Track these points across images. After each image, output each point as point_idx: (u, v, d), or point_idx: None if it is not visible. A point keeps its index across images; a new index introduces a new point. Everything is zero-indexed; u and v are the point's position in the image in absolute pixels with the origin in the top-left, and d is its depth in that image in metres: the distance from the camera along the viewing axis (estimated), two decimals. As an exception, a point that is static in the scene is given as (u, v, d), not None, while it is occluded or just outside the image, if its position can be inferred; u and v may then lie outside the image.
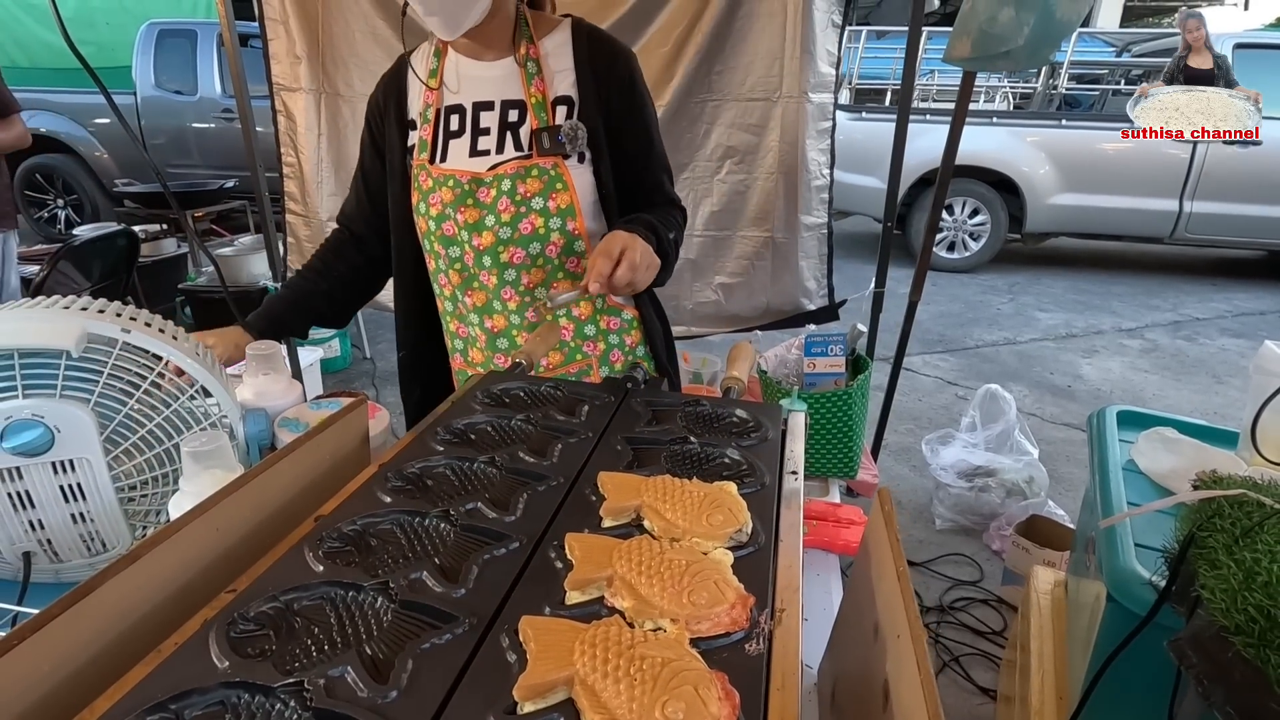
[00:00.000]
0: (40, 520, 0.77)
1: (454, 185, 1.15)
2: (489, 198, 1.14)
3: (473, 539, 0.64)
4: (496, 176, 1.14)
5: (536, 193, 1.14)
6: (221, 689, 0.47)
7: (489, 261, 1.17)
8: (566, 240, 1.17)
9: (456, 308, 1.27)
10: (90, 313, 0.76)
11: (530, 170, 1.14)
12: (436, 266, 1.24)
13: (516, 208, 1.14)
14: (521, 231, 1.15)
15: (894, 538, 0.62)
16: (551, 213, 1.15)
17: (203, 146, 6.45)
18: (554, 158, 1.14)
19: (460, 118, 1.18)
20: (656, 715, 0.44)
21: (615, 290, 1.03)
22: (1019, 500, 2.55)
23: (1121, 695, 1.16)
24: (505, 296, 1.20)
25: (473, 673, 0.49)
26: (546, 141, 1.13)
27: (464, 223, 1.15)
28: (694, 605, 0.53)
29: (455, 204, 1.15)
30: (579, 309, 1.23)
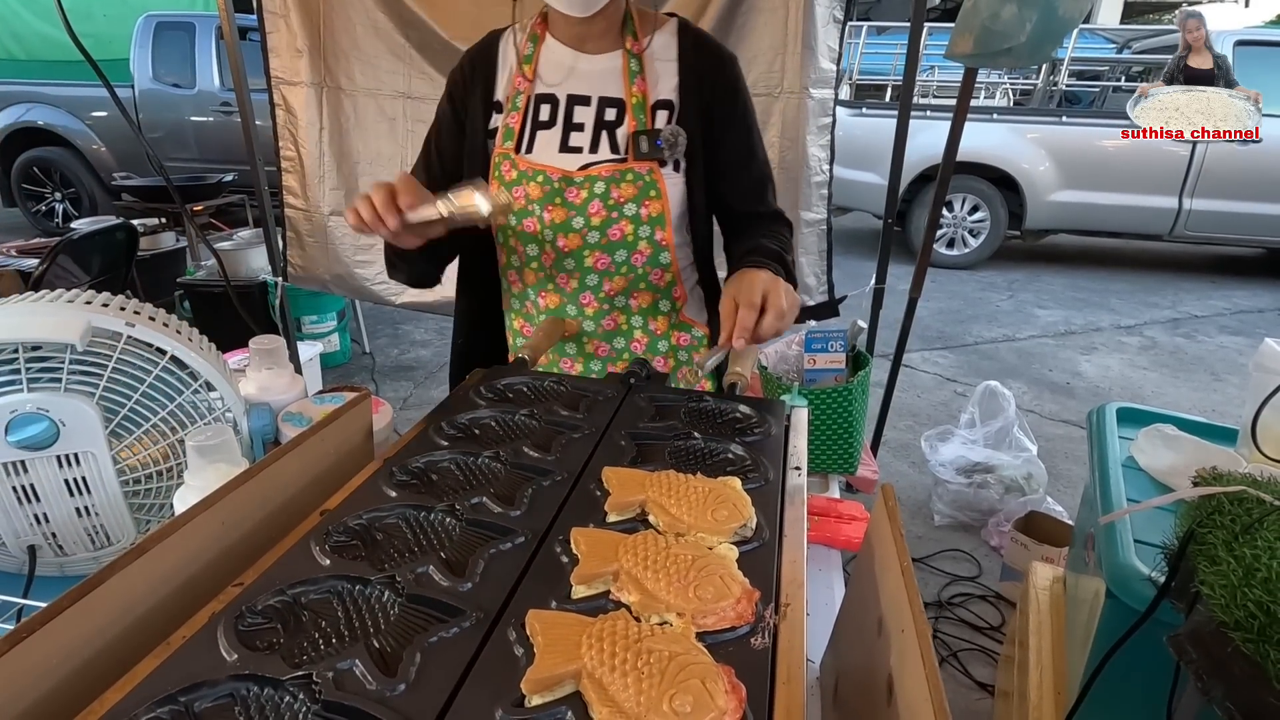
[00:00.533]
0: (45, 514, 0.77)
1: (544, 181, 1.09)
2: (579, 198, 1.08)
3: (478, 534, 0.64)
4: (589, 178, 1.08)
5: (630, 198, 1.08)
6: (231, 681, 0.48)
7: (572, 264, 1.12)
8: (653, 250, 1.12)
9: (524, 305, 1.22)
10: (95, 306, 0.76)
11: (625, 174, 1.08)
12: (508, 262, 1.19)
13: (608, 212, 1.08)
14: (610, 237, 1.10)
15: (898, 532, 0.62)
16: (642, 220, 1.10)
17: (201, 140, 6.43)
18: (650, 163, 1.08)
19: (552, 109, 1.12)
20: (664, 708, 0.44)
21: (760, 341, 0.94)
22: (1018, 497, 2.56)
23: (1120, 691, 1.17)
24: (583, 301, 1.15)
25: (480, 666, 0.50)
26: (645, 146, 1.07)
27: (550, 222, 1.09)
28: (700, 600, 0.54)
29: (543, 201, 1.09)
30: (655, 321, 1.18)
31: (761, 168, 1.17)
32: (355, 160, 2.75)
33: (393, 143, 2.71)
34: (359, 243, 2.86)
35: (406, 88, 2.65)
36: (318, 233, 2.87)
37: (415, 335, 4.45)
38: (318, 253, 2.92)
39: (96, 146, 6.66)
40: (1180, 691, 0.96)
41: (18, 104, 6.73)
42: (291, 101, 2.70)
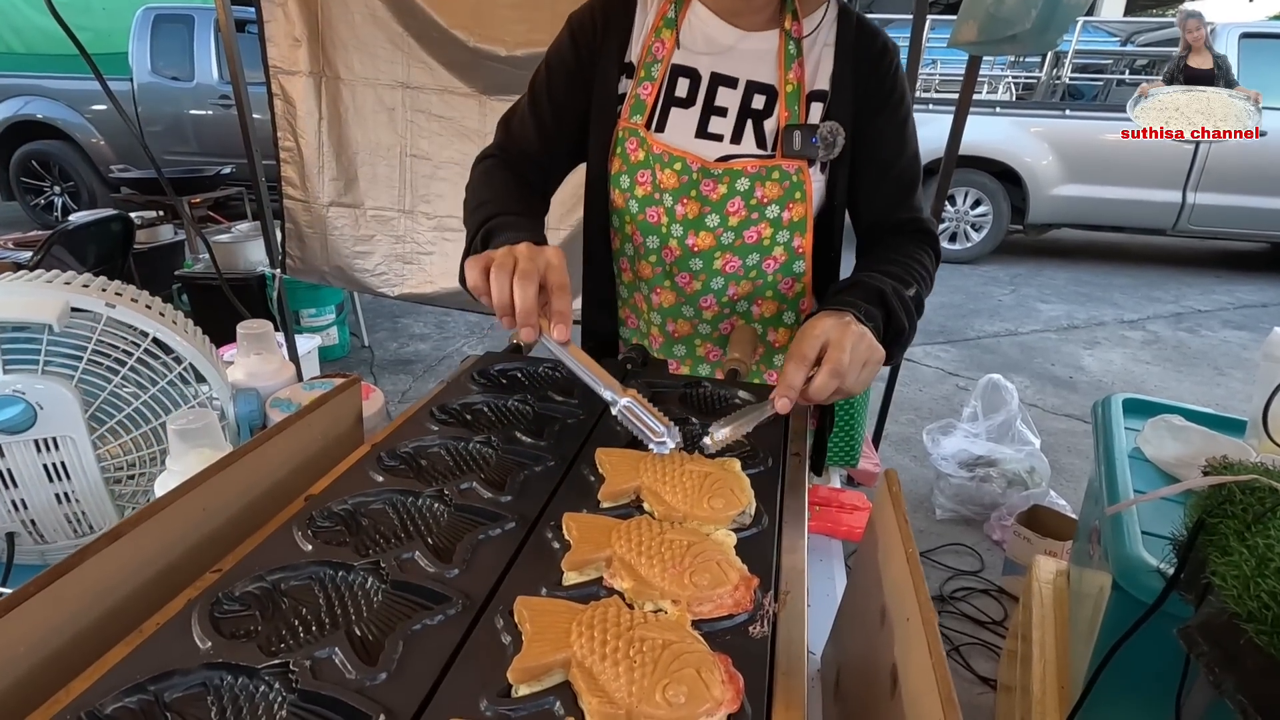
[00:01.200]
0: (23, 500, 0.75)
1: (682, 170, 0.95)
2: (717, 194, 0.96)
3: (467, 519, 0.62)
4: (730, 171, 0.96)
5: (774, 199, 0.96)
6: (204, 670, 0.46)
7: (699, 265, 1.00)
8: (789, 258, 1.00)
9: (633, 297, 1.10)
10: (74, 286, 0.74)
11: (772, 172, 0.95)
12: (621, 249, 1.06)
13: (749, 212, 0.97)
14: (745, 240, 0.98)
15: (902, 519, 0.60)
16: (783, 224, 0.98)
17: (200, 133, 6.40)
18: (799, 162, 0.95)
19: (691, 85, 0.98)
20: (657, 698, 0.42)
21: (814, 402, 0.76)
22: (1020, 490, 2.54)
23: (1126, 684, 1.15)
24: (703, 304, 1.03)
25: (465, 655, 0.48)
26: (798, 142, 0.94)
27: (682, 216, 0.97)
28: (696, 586, 0.51)
29: (678, 193, 0.96)
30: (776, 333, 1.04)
31: (910, 170, 1.02)
32: (355, 150, 2.73)
33: (392, 132, 2.69)
34: (358, 233, 2.84)
35: (405, 77, 2.63)
36: (316, 224, 2.85)
37: (414, 329, 4.43)
38: (316, 244, 2.90)
39: (95, 140, 6.64)
40: (1189, 685, 0.94)
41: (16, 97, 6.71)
42: (290, 91, 2.67)
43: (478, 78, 2.54)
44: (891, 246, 0.99)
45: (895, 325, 0.88)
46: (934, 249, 1.02)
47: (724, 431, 0.71)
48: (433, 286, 2.87)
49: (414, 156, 2.72)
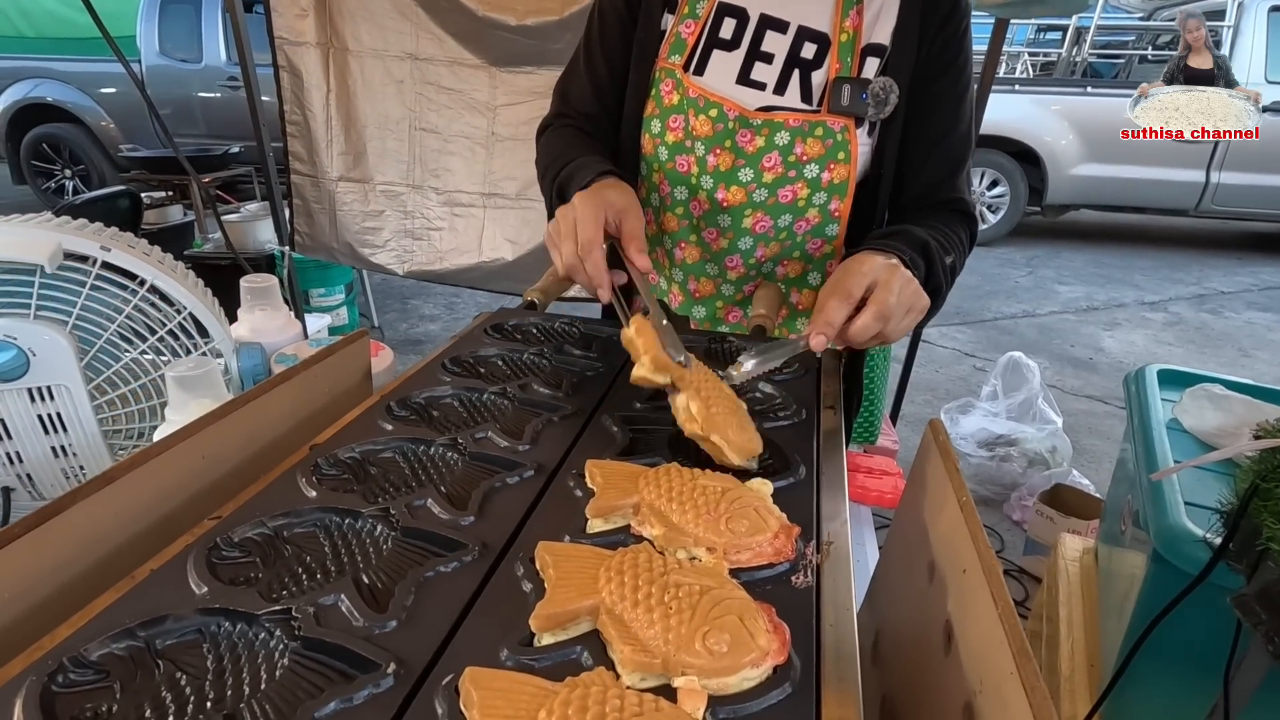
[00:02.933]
0: (18, 453, 0.71)
1: (717, 117, 0.89)
2: (753, 146, 0.89)
3: (483, 467, 0.58)
4: (771, 123, 0.88)
5: (815, 157, 0.89)
6: (199, 616, 0.42)
7: (727, 222, 0.93)
8: (823, 220, 0.93)
9: (655, 252, 1.04)
10: (68, 229, 0.70)
11: (815, 128, 0.88)
12: (647, 199, 0.99)
13: (786, 169, 0.89)
14: (779, 199, 0.91)
15: (952, 468, 0.55)
16: (821, 185, 0.90)
17: (208, 115, 6.37)
18: (847, 120, 0.87)
19: (737, 26, 0.91)
20: (697, 647, 0.38)
21: (852, 345, 0.72)
22: (1041, 470, 2.48)
23: (1165, 660, 1.10)
24: (729, 264, 0.97)
25: (483, 603, 0.44)
26: (847, 98, 0.86)
27: (714, 168, 0.91)
28: (733, 533, 0.47)
29: (711, 142, 0.90)
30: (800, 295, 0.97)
31: (963, 143, 0.94)
32: (363, 124, 2.68)
33: (400, 105, 2.64)
34: (366, 209, 2.80)
35: (414, 48, 2.57)
36: (324, 199, 2.81)
37: (424, 309, 4.39)
38: (324, 221, 2.86)
39: (105, 123, 6.62)
40: (1240, 656, 0.90)
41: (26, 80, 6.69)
42: (296, 63, 2.62)
43: (487, 48, 2.48)
44: (931, 217, 0.91)
45: (934, 282, 0.82)
46: (972, 232, 0.95)
47: (751, 363, 0.66)
48: (442, 263, 2.83)
49: (423, 130, 2.67)
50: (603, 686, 0.35)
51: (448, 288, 3.89)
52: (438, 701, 0.36)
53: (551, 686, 0.35)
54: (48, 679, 0.37)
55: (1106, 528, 1.67)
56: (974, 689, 0.42)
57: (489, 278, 2.77)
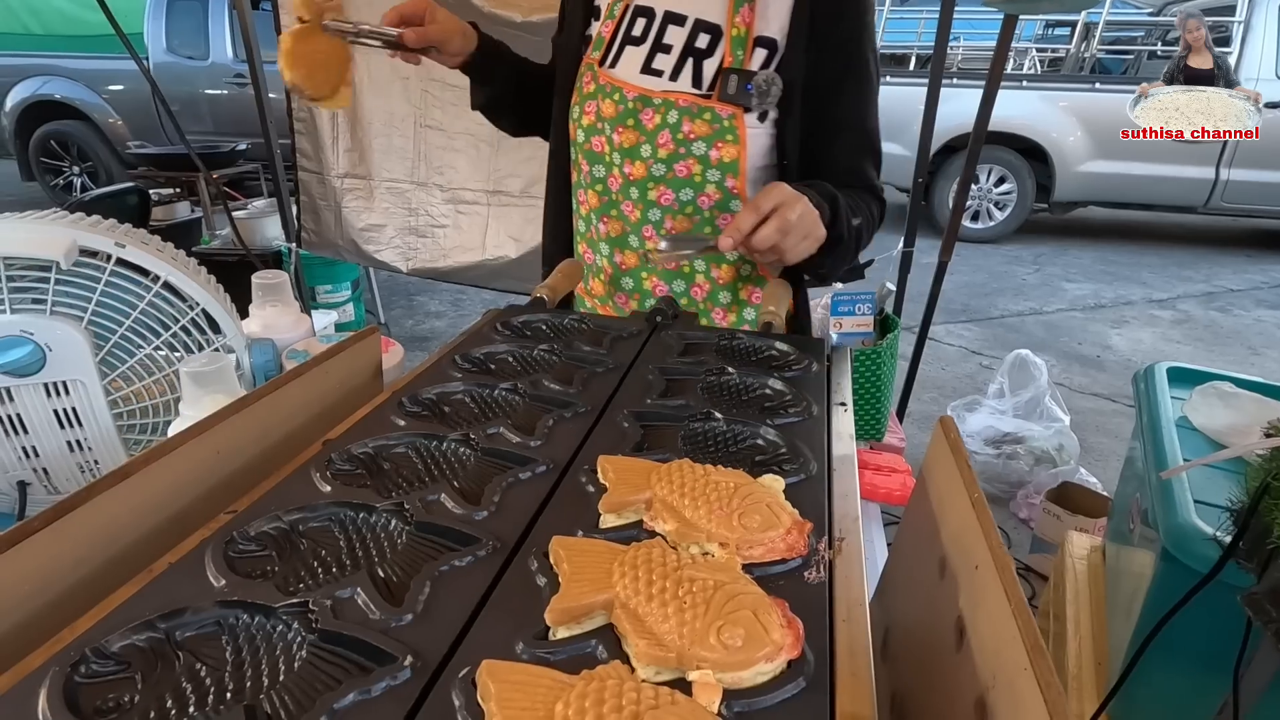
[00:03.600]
0: (34, 447, 0.72)
1: (619, 100, 1.00)
2: (651, 123, 0.99)
3: (495, 463, 0.58)
4: (666, 102, 0.98)
5: (701, 136, 0.97)
6: (218, 608, 0.42)
7: (636, 194, 1.03)
8: (723, 196, 1.01)
9: (589, 230, 1.13)
10: (83, 225, 0.70)
11: (703, 112, 0.96)
12: (578, 180, 1.11)
13: (676, 146, 0.98)
14: (676, 173, 1.00)
15: (964, 464, 0.55)
16: (712, 163, 0.98)
17: (215, 112, 6.39)
18: (734, 108, 0.95)
19: (647, 23, 1.01)
20: (711, 641, 0.38)
21: (755, 252, 0.83)
22: (1048, 468, 2.47)
23: (1173, 659, 1.10)
24: (645, 234, 1.05)
25: (497, 597, 0.44)
26: (733, 86, 0.95)
27: (619, 145, 1.01)
28: (745, 529, 0.47)
29: (615, 121, 1.00)
30: (719, 270, 1.06)
31: (868, 137, 1.04)
32: (369, 121, 2.69)
33: (406, 103, 2.65)
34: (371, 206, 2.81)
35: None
36: (330, 196, 2.82)
37: (430, 306, 4.41)
38: (330, 217, 2.87)
39: (113, 120, 6.65)
40: (1250, 655, 0.89)
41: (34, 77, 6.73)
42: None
43: (493, 44, 2.48)
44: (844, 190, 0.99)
45: (837, 231, 0.92)
46: (881, 210, 1.06)
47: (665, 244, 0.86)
48: (446, 261, 2.84)
49: (428, 127, 2.68)
50: (619, 679, 0.35)
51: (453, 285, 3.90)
52: (455, 694, 0.37)
53: (568, 679, 0.36)
54: (70, 670, 0.37)
55: (1115, 526, 1.66)
56: (987, 684, 0.43)
57: (493, 275, 2.78)
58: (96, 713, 0.36)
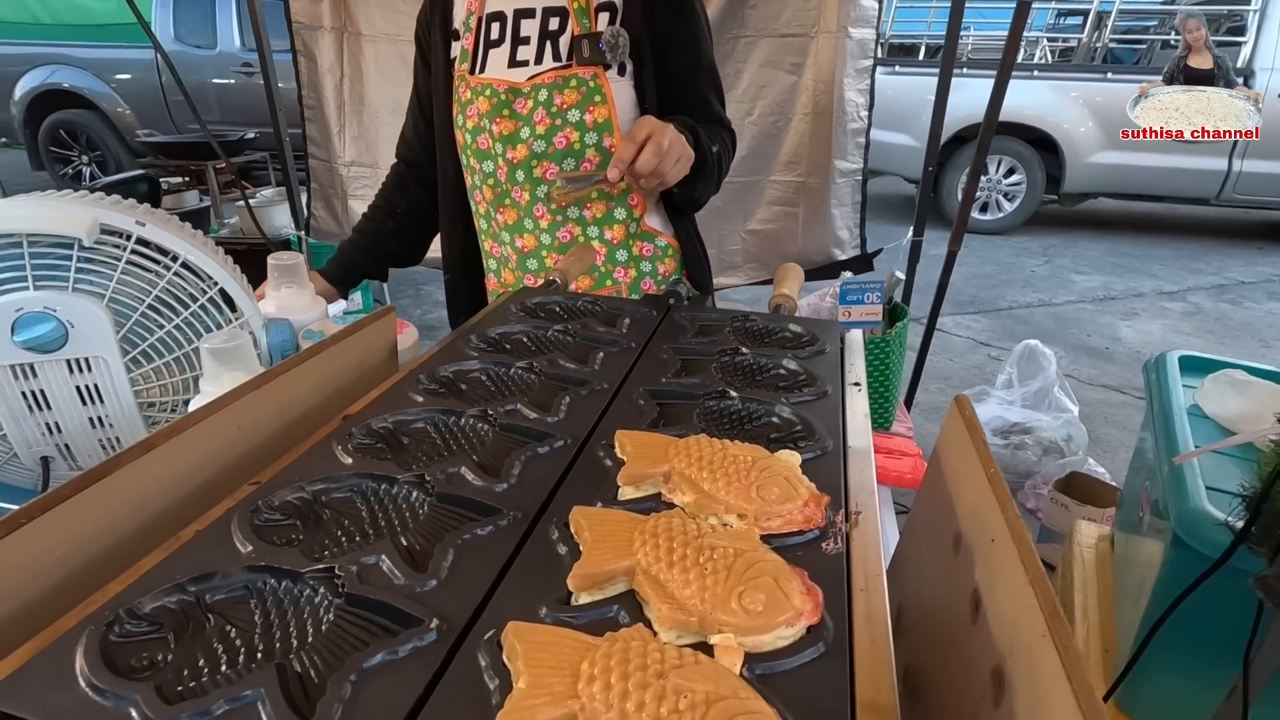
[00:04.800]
0: (57, 423, 0.73)
1: (490, 95, 1.10)
2: (525, 109, 1.09)
3: (513, 438, 0.59)
4: (534, 87, 1.08)
5: (573, 104, 1.08)
6: (246, 573, 0.43)
7: (522, 176, 1.12)
8: (603, 158, 1.10)
9: (490, 225, 1.22)
10: (104, 204, 0.71)
11: (569, 81, 1.07)
12: (473, 183, 1.20)
13: (552, 120, 1.08)
14: (556, 145, 1.09)
15: (980, 441, 0.56)
16: (588, 127, 1.09)
17: (223, 101, 6.40)
18: (594, 68, 1.07)
19: (501, 26, 1.12)
20: (733, 605, 0.39)
21: (638, 177, 0.96)
22: (1056, 459, 2.47)
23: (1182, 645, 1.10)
24: (537, 214, 1.15)
25: (520, 564, 0.45)
26: (586, 50, 1.06)
27: (499, 134, 1.10)
28: (763, 500, 0.48)
29: (491, 115, 1.10)
30: (611, 230, 1.17)
31: (709, 74, 1.16)
32: (375, 109, 2.69)
33: (413, 90, 2.64)
34: (379, 193, 2.80)
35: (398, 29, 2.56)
36: (338, 184, 2.83)
37: (437, 295, 4.41)
38: (338, 205, 2.88)
39: (121, 109, 6.66)
40: (1260, 639, 0.89)
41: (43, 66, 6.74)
42: (313, 47, 2.63)
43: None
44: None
45: (702, 154, 1.05)
46: (733, 141, 1.19)
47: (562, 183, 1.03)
48: (453, 249, 2.84)
49: (435, 115, 2.67)
50: (642, 641, 0.36)
51: (461, 274, 3.90)
52: (480, 655, 0.37)
53: (592, 640, 0.36)
54: (105, 629, 0.38)
55: (1123, 515, 1.66)
56: (1003, 654, 0.43)
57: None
58: (131, 670, 0.37)
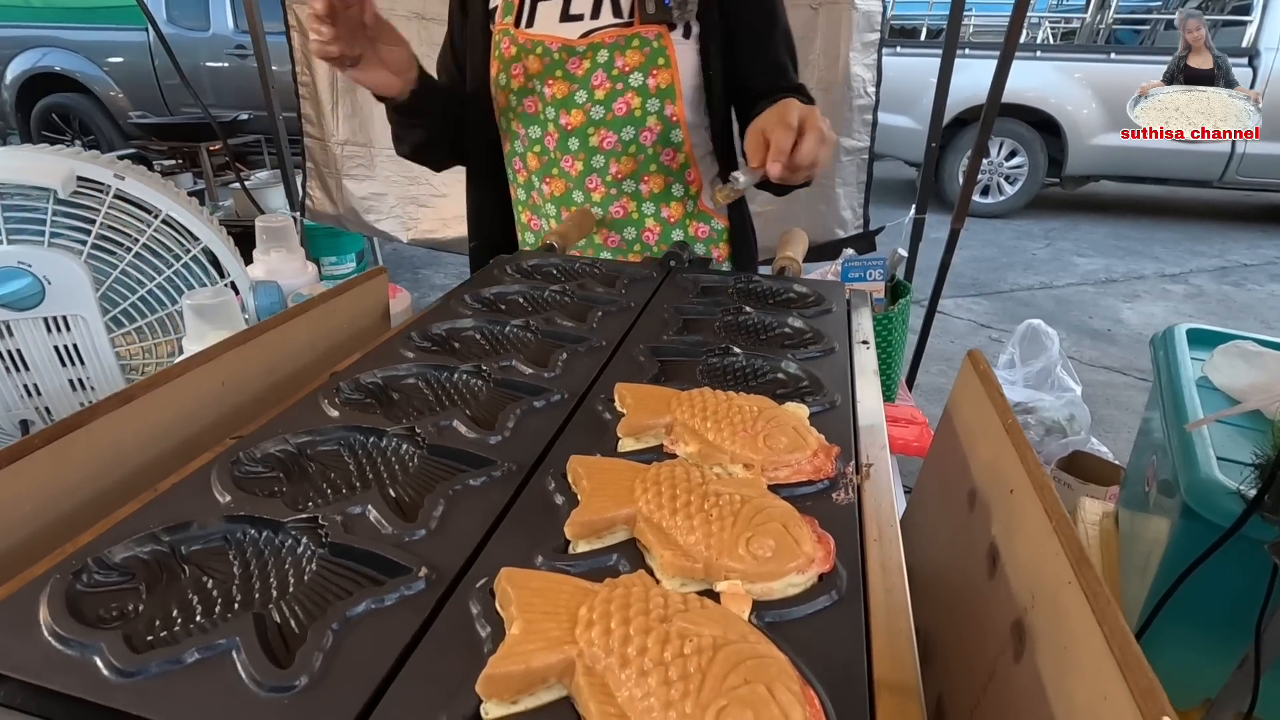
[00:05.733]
0: (36, 385, 0.71)
1: (542, 53, 0.99)
2: (581, 70, 0.99)
3: (508, 393, 0.56)
4: (592, 45, 0.98)
5: (636, 67, 0.97)
6: (224, 523, 0.41)
7: (575, 144, 1.02)
8: (664, 127, 1.01)
9: (530, 197, 1.12)
10: (82, 156, 0.68)
11: (631, 40, 0.97)
12: (512, 149, 1.10)
13: (613, 84, 0.98)
14: (616, 112, 0.99)
15: (995, 392, 0.53)
16: (650, 92, 0.98)
17: (216, 84, 6.32)
18: (658, 26, 0.96)
19: None
20: (740, 551, 0.36)
21: (795, 169, 0.80)
22: (1059, 438, 2.45)
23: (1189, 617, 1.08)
24: (590, 186, 1.04)
25: (514, 514, 0.42)
26: (651, 6, 0.95)
27: (551, 98, 1.00)
28: (771, 449, 0.45)
29: (543, 75, 0.99)
30: (668, 209, 1.06)
31: (784, 37, 1.05)
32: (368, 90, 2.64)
33: (408, 67, 2.59)
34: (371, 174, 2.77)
35: (420, 7, 2.52)
36: (332, 163, 2.78)
37: (435, 279, 4.38)
38: (333, 185, 2.84)
39: (114, 92, 6.58)
40: (1273, 608, 0.88)
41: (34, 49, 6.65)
42: (305, 22, 2.58)
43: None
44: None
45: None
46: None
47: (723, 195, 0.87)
48: (446, 231, 2.81)
49: (429, 92, 2.62)
50: (644, 586, 0.34)
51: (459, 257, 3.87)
52: (472, 603, 0.35)
53: (591, 586, 0.34)
54: (72, 577, 0.36)
55: (1128, 493, 1.64)
56: (1025, 605, 0.41)
57: (494, 245, 2.75)
58: (100, 620, 0.35)
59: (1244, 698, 0.93)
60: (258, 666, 0.31)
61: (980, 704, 0.43)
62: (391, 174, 2.77)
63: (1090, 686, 0.31)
